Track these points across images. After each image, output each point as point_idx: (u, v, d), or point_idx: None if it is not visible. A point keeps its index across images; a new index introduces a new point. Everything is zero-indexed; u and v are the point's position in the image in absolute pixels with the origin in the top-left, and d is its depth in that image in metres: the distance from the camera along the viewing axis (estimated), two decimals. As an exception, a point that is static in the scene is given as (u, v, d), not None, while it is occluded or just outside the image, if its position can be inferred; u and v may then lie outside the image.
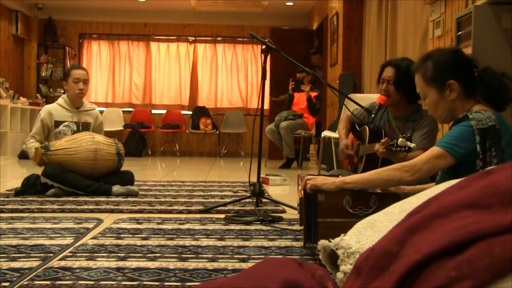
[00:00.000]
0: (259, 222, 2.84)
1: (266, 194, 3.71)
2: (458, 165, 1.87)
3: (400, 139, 2.29)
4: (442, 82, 1.95)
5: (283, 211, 3.26)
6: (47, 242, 2.30)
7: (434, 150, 1.88)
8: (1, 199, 3.53)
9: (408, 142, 2.28)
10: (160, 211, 3.19)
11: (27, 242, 2.30)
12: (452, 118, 2.00)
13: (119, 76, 9.92)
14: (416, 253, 0.84)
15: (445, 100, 1.97)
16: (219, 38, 9.98)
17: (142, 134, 9.15)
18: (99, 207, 3.27)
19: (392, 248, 0.89)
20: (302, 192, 2.20)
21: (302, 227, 2.36)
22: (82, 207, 3.26)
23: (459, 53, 2.04)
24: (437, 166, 1.88)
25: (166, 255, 2.11)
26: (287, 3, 9.07)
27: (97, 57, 9.95)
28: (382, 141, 2.49)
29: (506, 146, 1.83)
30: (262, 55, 3.31)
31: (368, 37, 6.38)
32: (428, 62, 2.00)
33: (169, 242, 2.34)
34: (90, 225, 2.70)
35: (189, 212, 3.21)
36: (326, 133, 5.83)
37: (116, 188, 3.78)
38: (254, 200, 3.32)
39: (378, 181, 1.95)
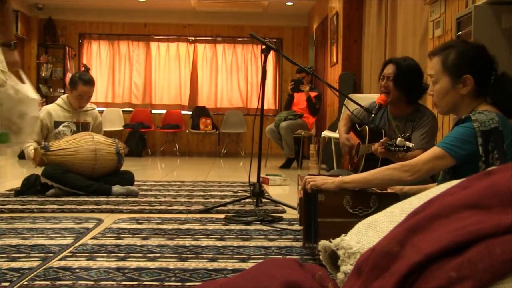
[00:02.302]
0: (259, 222, 2.84)
1: (266, 194, 3.71)
2: (459, 166, 1.86)
3: (398, 139, 2.30)
4: (458, 74, 1.92)
5: (283, 211, 3.26)
6: (47, 242, 2.30)
7: (435, 150, 1.88)
8: (1, 199, 3.53)
9: (407, 142, 2.28)
10: (160, 211, 3.19)
11: (27, 242, 2.30)
12: (454, 112, 1.99)
13: (119, 76, 9.92)
14: (417, 254, 0.84)
15: (455, 93, 1.94)
16: (219, 38, 9.97)
17: (142, 134, 9.14)
18: (99, 207, 3.27)
19: (393, 248, 0.89)
20: (302, 192, 2.20)
21: (302, 227, 2.36)
22: (82, 207, 3.26)
23: (484, 50, 1.99)
24: (437, 166, 1.87)
25: (166, 255, 2.11)
26: (287, 3, 9.06)
27: (97, 57, 9.95)
28: (381, 140, 2.49)
29: (508, 148, 1.82)
30: (262, 55, 3.31)
31: (368, 37, 6.38)
32: (451, 49, 1.95)
33: (169, 242, 2.34)
34: (90, 225, 2.70)
35: (189, 212, 3.21)
36: (326, 133, 5.83)
37: (116, 188, 3.78)
38: (254, 200, 3.32)
39: (378, 180, 1.95)
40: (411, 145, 2.27)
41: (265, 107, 4.94)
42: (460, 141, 1.84)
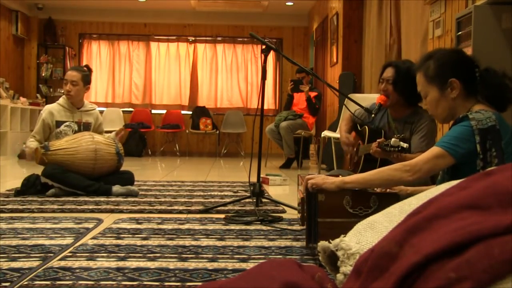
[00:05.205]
0: (259, 222, 2.84)
1: (266, 194, 3.71)
2: (458, 165, 1.87)
3: (393, 139, 2.31)
4: (443, 81, 1.96)
5: (283, 211, 3.26)
6: (47, 242, 2.30)
7: (434, 150, 1.89)
8: (1, 199, 3.53)
9: (401, 142, 2.29)
10: (160, 211, 3.19)
11: (27, 242, 2.30)
12: (452, 118, 2.00)
13: (119, 76, 9.93)
14: (415, 254, 0.84)
15: (446, 99, 1.97)
16: (219, 38, 9.98)
17: (142, 134, 9.15)
18: (99, 207, 3.27)
19: (392, 249, 0.89)
20: (304, 191, 2.20)
21: (302, 227, 2.36)
22: (82, 207, 3.26)
23: (461, 53, 2.06)
24: (437, 166, 1.88)
25: (166, 255, 2.11)
26: (287, 3, 9.07)
27: (97, 57, 9.96)
28: (378, 140, 2.50)
29: (506, 146, 1.84)
30: (262, 55, 3.31)
31: (368, 37, 6.38)
32: (430, 61, 2.01)
33: (169, 242, 2.34)
34: (90, 225, 2.70)
35: (189, 212, 3.21)
36: (326, 133, 5.83)
37: (116, 188, 3.78)
38: (254, 200, 3.32)
39: (378, 180, 1.95)
40: (405, 145, 2.28)
41: (265, 107, 4.95)
42: (459, 140, 1.85)
